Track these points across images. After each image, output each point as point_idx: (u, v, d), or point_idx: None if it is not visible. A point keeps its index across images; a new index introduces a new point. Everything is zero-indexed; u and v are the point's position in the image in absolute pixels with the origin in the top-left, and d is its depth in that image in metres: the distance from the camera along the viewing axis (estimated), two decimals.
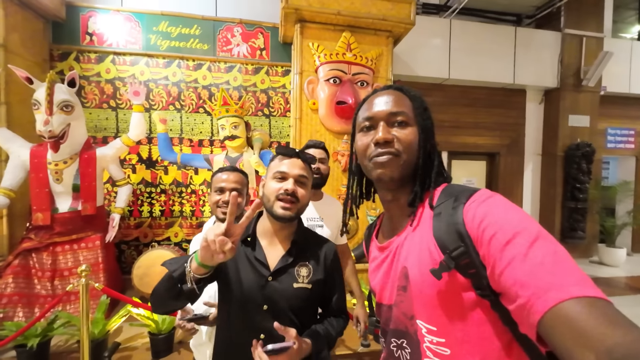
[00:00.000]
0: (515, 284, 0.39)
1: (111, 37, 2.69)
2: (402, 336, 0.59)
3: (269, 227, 0.85)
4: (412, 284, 0.54)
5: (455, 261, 0.48)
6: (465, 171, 4.07)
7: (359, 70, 2.52)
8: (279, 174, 0.82)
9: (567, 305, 0.34)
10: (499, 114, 3.95)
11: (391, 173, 0.57)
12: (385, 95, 0.60)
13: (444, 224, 0.51)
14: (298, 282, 0.82)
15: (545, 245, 0.40)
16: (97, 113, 2.68)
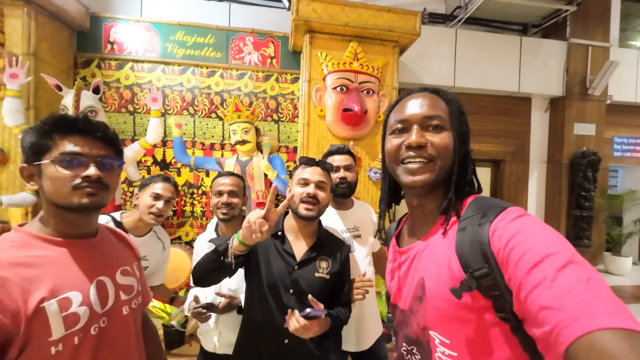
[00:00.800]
0: (542, 309, 0.36)
1: (131, 45, 2.85)
2: (414, 343, 0.58)
3: (294, 224, 1.01)
4: (428, 296, 0.53)
5: (477, 281, 0.45)
6: None
7: (365, 79, 2.62)
8: (302, 180, 0.97)
9: (600, 336, 0.31)
10: (504, 121, 4.00)
11: (423, 180, 0.54)
12: (421, 98, 0.58)
13: (468, 240, 0.48)
14: (319, 272, 0.97)
15: (577, 270, 0.37)
16: (116, 117, 2.83)
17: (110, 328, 0.69)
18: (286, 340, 0.91)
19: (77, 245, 0.68)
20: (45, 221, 0.66)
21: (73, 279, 0.64)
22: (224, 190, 1.25)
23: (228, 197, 1.24)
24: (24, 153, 0.65)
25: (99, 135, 0.67)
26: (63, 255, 0.65)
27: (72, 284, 0.63)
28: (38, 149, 0.63)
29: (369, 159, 2.70)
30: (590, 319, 0.32)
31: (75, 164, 0.63)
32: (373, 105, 2.62)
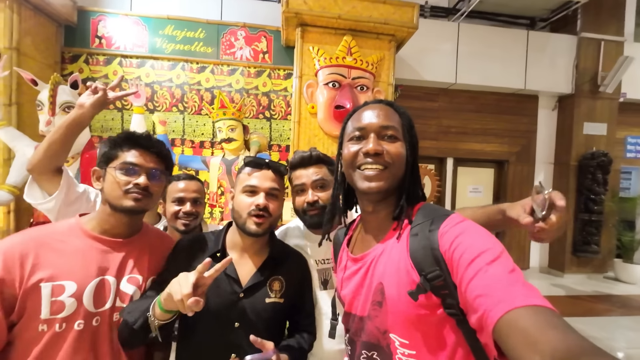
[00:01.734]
0: (476, 298, 0.43)
1: (119, 40, 2.77)
2: (374, 349, 0.60)
3: (239, 241, 0.83)
4: (388, 301, 0.56)
5: (430, 283, 0.51)
6: (471, 179, 3.95)
7: (359, 74, 2.50)
8: (249, 187, 0.79)
9: (516, 312, 0.38)
10: (509, 120, 3.82)
11: (379, 186, 0.58)
12: (377, 109, 0.62)
13: (420, 246, 0.53)
14: (270, 297, 0.81)
15: (503, 263, 0.44)
16: (104, 114, 2.76)
17: (100, 330, 0.73)
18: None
19: (106, 242, 0.78)
20: (95, 217, 0.80)
21: (78, 270, 0.72)
22: (186, 197, 1.12)
23: (192, 206, 1.12)
24: (98, 159, 0.81)
25: (154, 151, 0.81)
26: (86, 248, 0.75)
27: (74, 275, 0.71)
28: (108, 157, 0.78)
29: None
30: (509, 301, 0.39)
31: (130, 172, 0.77)
32: None
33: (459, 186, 3.88)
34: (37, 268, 0.69)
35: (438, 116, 3.66)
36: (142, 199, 0.77)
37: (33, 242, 0.71)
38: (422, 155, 3.36)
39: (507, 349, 0.38)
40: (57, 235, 0.75)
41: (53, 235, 0.74)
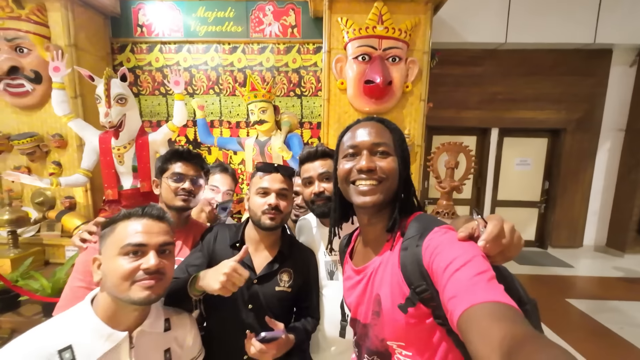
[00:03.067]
0: (447, 300, 0.46)
1: (158, 27, 2.92)
2: (375, 353, 0.66)
3: (255, 235, 0.95)
4: (384, 311, 0.61)
5: (418, 296, 0.55)
6: (519, 150, 3.62)
7: (391, 44, 2.35)
8: (262, 189, 0.90)
9: (473, 309, 0.40)
10: (570, 82, 3.33)
11: (374, 200, 0.62)
12: (369, 127, 0.65)
13: (409, 260, 0.57)
14: (279, 286, 0.93)
15: (472, 267, 0.46)
16: (151, 100, 3.02)
17: None
18: (245, 356, 0.87)
19: None
20: None
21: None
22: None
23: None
24: (155, 171, 1.09)
25: (194, 162, 1.07)
26: None
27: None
28: (162, 169, 1.05)
29: None
30: (469, 299, 0.41)
31: (178, 180, 1.02)
32: (399, 75, 2.37)
33: (505, 159, 3.60)
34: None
35: (482, 82, 3.33)
36: (188, 199, 1.03)
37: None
38: (462, 126, 3.21)
39: (467, 343, 0.39)
40: None
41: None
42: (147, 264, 0.65)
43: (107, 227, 0.70)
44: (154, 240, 0.68)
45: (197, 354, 0.85)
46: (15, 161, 2.64)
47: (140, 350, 0.69)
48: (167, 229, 0.73)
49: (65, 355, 0.60)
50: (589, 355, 2.06)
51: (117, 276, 0.63)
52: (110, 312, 0.66)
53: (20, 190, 2.71)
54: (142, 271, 0.65)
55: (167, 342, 0.76)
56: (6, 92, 2.42)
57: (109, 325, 0.65)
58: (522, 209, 3.78)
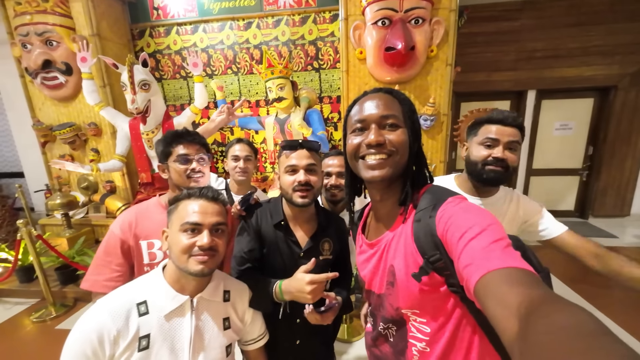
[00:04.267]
0: (463, 268, 0.45)
1: (173, 8, 2.91)
2: (390, 321, 0.68)
3: (291, 211, 0.99)
4: (398, 281, 0.61)
5: (432, 265, 0.55)
6: (560, 113, 3.29)
7: (413, 4, 2.15)
8: (290, 167, 0.92)
9: (490, 275, 0.40)
10: (626, 30, 2.90)
11: (382, 175, 0.60)
12: (376, 99, 0.62)
13: (422, 231, 0.57)
14: (323, 255, 0.99)
15: (487, 236, 0.46)
16: (173, 84, 3.08)
17: None
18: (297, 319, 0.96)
19: None
20: (168, 195, 1.07)
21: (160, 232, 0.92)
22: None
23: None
24: (159, 157, 1.05)
25: (196, 142, 1.05)
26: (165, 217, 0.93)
27: (158, 235, 0.94)
28: (166, 154, 1.03)
29: (418, 104, 2.38)
30: (486, 266, 0.41)
31: (184, 161, 1.01)
32: (422, 38, 2.19)
33: (543, 124, 3.30)
34: (138, 231, 0.99)
35: (518, 39, 3.00)
36: (198, 179, 1.04)
37: (134, 215, 1.01)
38: (494, 90, 2.98)
39: (485, 310, 0.39)
40: (147, 209, 1.04)
41: (146, 209, 1.04)
42: (201, 241, 0.74)
43: (173, 204, 0.80)
44: (208, 220, 0.76)
45: (258, 335, 0.93)
46: (60, 150, 2.88)
47: (200, 313, 0.80)
48: (220, 210, 0.80)
49: (141, 308, 0.74)
50: (632, 329, 1.97)
51: (178, 249, 0.74)
52: (175, 278, 0.77)
53: (67, 176, 2.97)
54: (197, 247, 0.74)
55: (227, 312, 0.85)
56: (43, 85, 2.59)
57: (174, 288, 0.77)
58: (560, 177, 3.52)
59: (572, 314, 0.29)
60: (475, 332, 0.58)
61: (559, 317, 0.29)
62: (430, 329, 0.61)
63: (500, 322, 0.35)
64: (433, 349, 0.61)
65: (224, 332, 0.83)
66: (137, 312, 0.72)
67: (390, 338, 0.70)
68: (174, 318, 0.76)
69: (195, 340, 0.76)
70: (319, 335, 1.03)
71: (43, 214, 3.53)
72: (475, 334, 0.58)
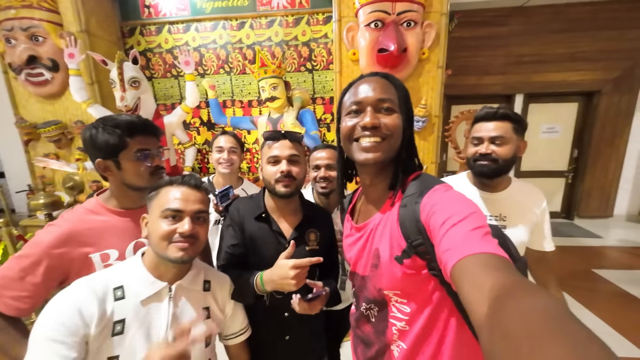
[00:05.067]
0: (443, 253, 0.47)
1: (164, 6, 2.87)
2: (372, 302, 0.71)
3: (275, 202, 0.97)
4: (382, 264, 0.63)
5: (415, 249, 0.57)
6: (546, 117, 3.39)
7: (405, 7, 2.19)
8: (272, 158, 0.90)
9: (467, 259, 0.42)
10: (608, 37, 3.02)
11: (376, 157, 0.61)
12: (373, 82, 0.63)
13: (407, 217, 0.59)
14: (309, 245, 0.97)
15: (469, 222, 0.47)
16: (164, 82, 3.03)
17: None
18: (286, 313, 0.95)
19: (130, 215, 0.90)
20: (112, 196, 0.91)
21: (116, 240, 0.87)
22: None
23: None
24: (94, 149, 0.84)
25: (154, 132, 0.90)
26: (116, 222, 0.88)
27: (113, 244, 0.86)
28: (115, 147, 0.83)
29: None
30: (464, 251, 0.43)
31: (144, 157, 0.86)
32: (414, 40, 2.22)
33: (530, 127, 3.36)
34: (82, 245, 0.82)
35: (507, 44, 3.08)
36: (162, 175, 0.92)
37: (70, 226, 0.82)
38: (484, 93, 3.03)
39: (459, 292, 0.41)
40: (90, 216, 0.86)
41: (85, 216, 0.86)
42: (182, 228, 0.73)
43: (154, 191, 0.78)
44: (190, 207, 0.75)
45: (240, 329, 0.91)
46: (44, 149, 2.79)
47: (178, 300, 0.79)
48: (202, 198, 0.79)
49: (117, 292, 0.72)
50: (618, 327, 2.01)
51: (157, 235, 0.72)
52: (154, 264, 0.76)
53: (52, 176, 2.88)
54: (178, 234, 0.73)
55: (206, 302, 0.84)
56: (28, 82, 2.51)
57: (153, 275, 0.76)
58: (547, 179, 3.61)
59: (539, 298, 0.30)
60: (453, 313, 0.60)
61: (527, 300, 0.30)
62: (410, 309, 0.63)
63: (472, 304, 0.37)
64: (412, 328, 0.63)
65: (204, 321, 0.82)
66: (113, 297, 0.71)
67: (372, 319, 0.71)
68: (150, 304, 0.74)
69: (172, 327, 0.75)
70: (309, 330, 1.02)
71: (24, 215, 3.41)
72: (453, 315, 0.61)
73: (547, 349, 0.23)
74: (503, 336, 0.28)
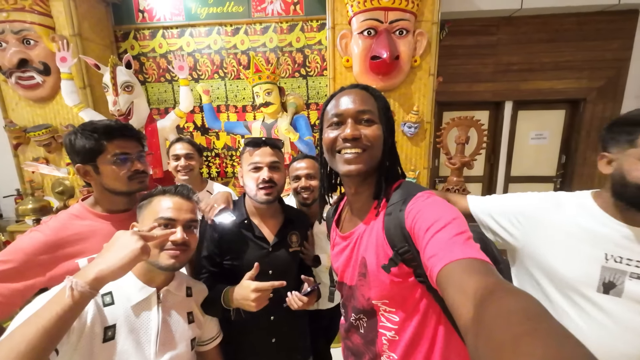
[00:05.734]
0: (428, 259, 0.48)
1: (159, 11, 2.88)
2: (361, 312, 0.71)
3: (256, 209, 0.99)
4: (369, 272, 0.64)
5: (401, 257, 0.58)
6: (535, 123, 3.47)
7: (397, 16, 2.24)
8: (253, 165, 0.92)
9: (452, 265, 0.43)
10: (592, 47, 3.12)
11: (358, 169, 0.62)
12: (353, 94, 0.64)
13: (392, 224, 0.59)
14: (292, 247, 1.00)
15: (452, 228, 0.48)
16: (157, 87, 3.03)
17: None
18: (272, 317, 0.97)
19: (115, 218, 0.91)
20: (97, 201, 0.92)
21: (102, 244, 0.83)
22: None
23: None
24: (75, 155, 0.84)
25: (134, 135, 0.90)
26: (102, 225, 0.89)
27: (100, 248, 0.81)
28: (93, 151, 0.83)
29: (402, 112, 2.45)
30: (448, 256, 0.44)
31: (124, 160, 0.85)
32: (406, 48, 2.27)
33: (519, 133, 3.46)
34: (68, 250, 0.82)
35: (496, 53, 3.16)
36: (144, 180, 0.91)
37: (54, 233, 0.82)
38: (474, 100, 3.09)
39: (445, 297, 0.42)
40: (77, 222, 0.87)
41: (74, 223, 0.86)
42: (175, 237, 0.75)
43: (145, 199, 0.79)
44: (182, 216, 0.77)
45: (214, 334, 0.93)
46: (33, 153, 2.74)
47: (166, 305, 0.80)
48: (194, 208, 0.82)
49: (106, 298, 0.72)
50: None
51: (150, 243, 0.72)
52: (144, 270, 0.77)
53: (41, 180, 2.83)
54: (170, 242, 0.75)
55: (190, 306, 0.87)
56: (18, 85, 2.48)
57: (142, 281, 0.77)
58: (536, 184, 3.68)
59: (520, 299, 0.31)
60: (441, 320, 0.61)
61: (509, 301, 0.31)
62: (399, 318, 0.63)
63: (457, 307, 0.38)
64: (402, 337, 0.63)
65: (189, 325, 0.84)
66: (102, 302, 0.71)
67: (360, 329, 0.71)
68: (140, 309, 0.75)
69: (162, 333, 0.76)
70: (294, 330, 1.04)
71: (11, 221, 3.33)
72: (441, 321, 0.61)
73: (527, 348, 0.24)
74: (487, 338, 0.29)
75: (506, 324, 0.28)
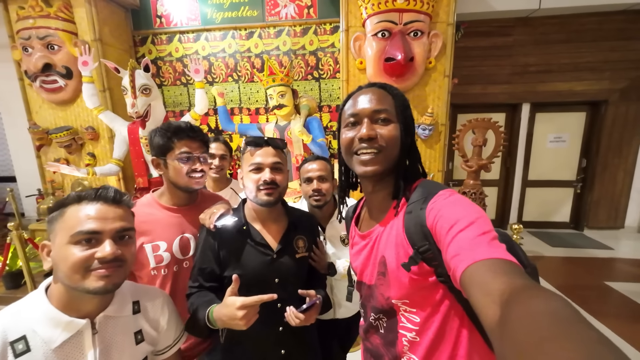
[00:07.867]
0: (451, 259, 0.46)
1: (176, 17, 2.95)
2: (381, 312, 0.68)
3: (258, 213, 0.92)
4: (389, 271, 0.62)
5: (421, 255, 0.56)
6: (553, 126, 3.37)
7: (412, 18, 2.22)
8: (254, 165, 0.86)
9: (476, 265, 0.41)
10: (614, 48, 3.02)
11: (374, 170, 0.61)
12: (370, 93, 0.63)
13: (412, 223, 0.58)
14: (298, 253, 0.94)
15: (475, 228, 0.47)
16: (173, 90, 3.09)
17: (188, 269, 1.00)
18: (280, 327, 0.90)
19: (178, 211, 1.02)
20: (164, 193, 1.03)
21: (165, 233, 0.97)
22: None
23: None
24: (154, 149, 0.98)
25: (199, 137, 0.99)
26: (166, 216, 1.00)
27: (163, 236, 0.97)
28: (164, 148, 0.95)
29: (416, 114, 2.42)
30: (472, 256, 0.42)
31: (187, 160, 0.95)
32: (421, 50, 2.25)
33: (537, 136, 3.38)
34: (139, 235, 0.91)
35: (512, 54, 3.10)
36: (201, 180, 1.00)
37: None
38: (490, 103, 3.05)
39: (469, 298, 0.40)
40: (145, 210, 0.97)
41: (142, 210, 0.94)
42: (102, 252, 0.59)
43: (55, 210, 0.62)
44: (110, 226, 0.62)
45: (174, 340, 0.81)
46: (55, 154, 2.84)
47: (105, 335, 0.65)
48: (124, 214, 0.65)
49: (18, 347, 0.57)
50: (633, 340, 1.95)
51: (68, 266, 0.58)
52: (66, 300, 0.61)
53: (61, 181, 2.92)
54: (96, 260, 0.59)
55: (138, 325, 0.73)
56: (42, 88, 2.57)
57: (65, 313, 0.61)
58: (555, 189, 3.57)
59: (550, 300, 0.29)
60: (464, 322, 0.59)
61: (537, 303, 0.30)
62: (419, 319, 0.61)
63: (483, 309, 0.36)
64: (422, 339, 0.61)
65: (137, 347, 0.71)
66: (13, 354, 0.56)
67: (380, 329, 0.69)
68: (68, 350, 0.60)
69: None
70: (304, 342, 0.97)
71: (33, 219, 3.45)
72: (464, 324, 0.59)
73: (557, 352, 0.23)
74: (513, 340, 0.28)
75: (533, 326, 0.27)
